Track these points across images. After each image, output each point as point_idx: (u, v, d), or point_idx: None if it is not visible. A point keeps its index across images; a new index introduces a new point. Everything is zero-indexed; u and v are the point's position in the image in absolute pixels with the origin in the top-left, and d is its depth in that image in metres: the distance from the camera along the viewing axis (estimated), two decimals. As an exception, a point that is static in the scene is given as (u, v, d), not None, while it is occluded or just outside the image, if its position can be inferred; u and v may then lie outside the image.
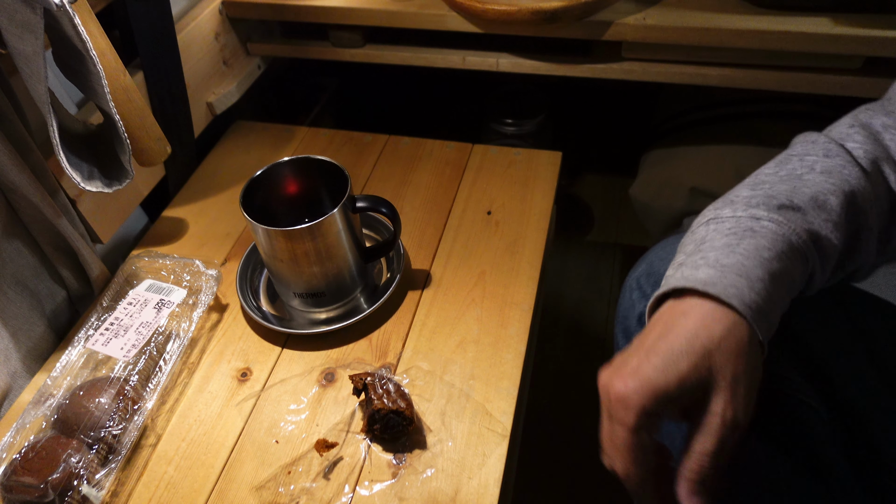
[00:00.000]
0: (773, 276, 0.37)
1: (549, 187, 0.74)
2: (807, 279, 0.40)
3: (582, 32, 0.73)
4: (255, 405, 0.57)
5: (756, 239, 0.39)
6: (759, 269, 0.37)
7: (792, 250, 0.39)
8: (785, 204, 0.40)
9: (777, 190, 0.41)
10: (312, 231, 0.55)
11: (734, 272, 0.37)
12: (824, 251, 0.40)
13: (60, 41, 0.50)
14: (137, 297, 0.61)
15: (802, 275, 0.39)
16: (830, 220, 0.40)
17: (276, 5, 0.81)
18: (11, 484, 0.48)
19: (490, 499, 0.49)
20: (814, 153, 0.43)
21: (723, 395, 0.35)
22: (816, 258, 0.39)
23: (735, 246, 0.39)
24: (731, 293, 0.36)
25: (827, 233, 0.39)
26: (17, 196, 0.56)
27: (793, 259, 0.38)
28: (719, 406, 0.35)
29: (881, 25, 0.65)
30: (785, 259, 0.38)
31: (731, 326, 0.36)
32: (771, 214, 0.40)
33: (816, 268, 0.40)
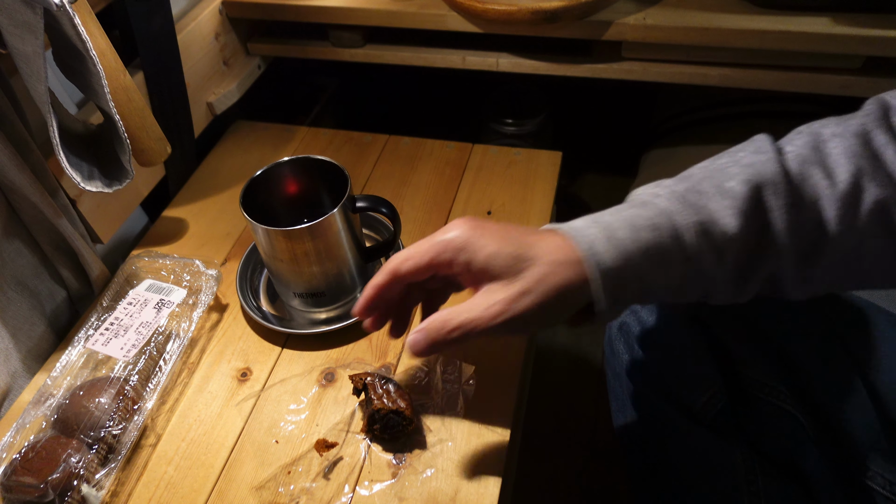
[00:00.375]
0: (637, 243, 0.39)
1: (549, 187, 0.74)
2: (689, 261, 0.40)
3: (582, 32, 0.73)
4: (255, 405, 0.57)
5: (639, 209, 0.41)
6: (623, 231, 0.40)
7: (671, 227, 0.40)
8: (690, 188, 0.41)
9: (695, 178, 0.42)
10: (312, 231, 0.55)
11: (600, 226, 0.41)
12: (716, 236, 0.39)
13: (60, 41, 0.50)
14: (137, 297, 0.61)
15: (679, 254, 0.40)
16: (733, 206, 0.39)
17: (276, 5, 0.81)
18: (11, 484, 0.48)
19: (490, 499, 0.49)
20: (746, 150, 0.43)
21: (506, 293, 0.40)
22: (704, 242, 0.40)
23: (620, 211, 0.42)
24: (582, 237, 0.40)
25: (725, 218, 0.39)
26: (17, 196, 0.56)
27: (668, 235, 0.40)
28: (498, 296, 0.40)
29: (881, 25, 0.65)
30: (658, 231, 0.40)
31: (569, 262, 0.40)
32: (668, 194, 0.41)
33: (705, 253, 0.40)
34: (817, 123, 0.42)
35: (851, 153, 0.39)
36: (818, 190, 0.40)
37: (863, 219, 0.39)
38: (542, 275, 0.40)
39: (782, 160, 0.41)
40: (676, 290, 0.42)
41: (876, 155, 0.39)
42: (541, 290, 0.40)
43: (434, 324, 0.41)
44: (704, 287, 0.42)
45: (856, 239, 0.40)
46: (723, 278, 0.41)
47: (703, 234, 0.40)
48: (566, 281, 0.40)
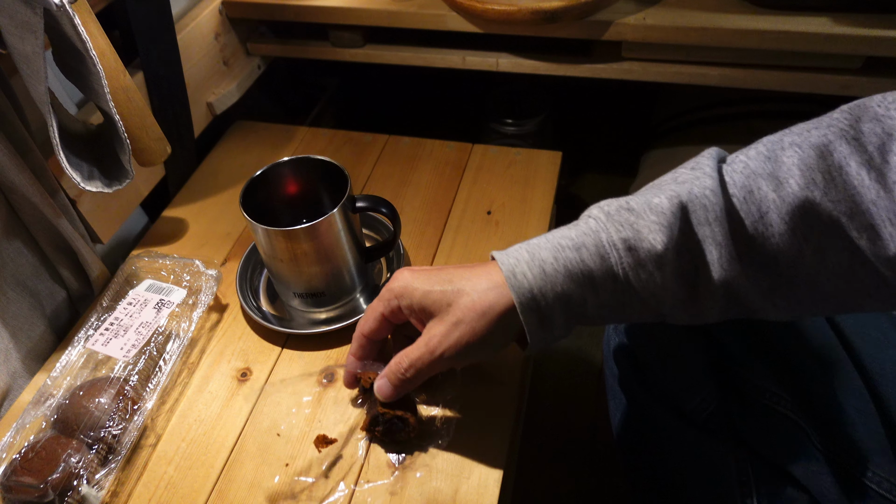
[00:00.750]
0: (558, 262, 0.41)
1: (549, 187, 0.74)
2: (616, 279, 0.41)
3: (582, 32, 0.73)
4: (255, 405, 0.57)
5: (568, 229, 0.43)
6: (546, 252, 0.42)
7: (595, 244, 0.41)
8: (623, 206, 0.42)
9: (634, 195, 0.43)
10: (312, 231, 0.55)
11: (527, 247, 0.43)
12: (642, 252, 0.40)
13: (60, 41, 0.50)
14: (137, 297, 0.61)
15: (604, 272, 0.41)
16: (657, 222, 0.40)
17: (276, 5, 0.81)
18: (11, 484, 0.48)
19: (490, 499, 0.49)
20: (685, 166, 0.43)
21: (442, 327, 0.43)
22: (630, 259, 0.40)
23: (552, 233, 0.43)
24: (507, 260, 0.42)
25: (651, 234, 0.40)
26: (17, 196, 0.56)
27: (592, 253, 0.41)
28: (435, 331, 0.43)
29: (881, 25, 0.65)
30: (580, 251, 0.41)
31: (494, 287, 0.42)
32: (599, 213, 0.42)
33: (634, 270, 0.40)
34: (780, 133, 0.41)
35: (806, 165, 0.38)
36: (766, 203, 0.38)
37: (817, 234, 0.37)
38: (471, 303, 0.42)
39: (721, 175, 0.40)
40: (617, 309, 0.42)
41: (831, 169, 0.37)
42: (470, 318, 0.42)
43: (390, 367, 0.46)
44: (650, 307, 0.42)
45: (814, 255, 0.38)
46: (669, 298, 0.41)
47: (628, 250, 0.40)
48: (491, 304, 0.42)
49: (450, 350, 0.43)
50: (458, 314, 0.43)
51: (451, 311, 0.43)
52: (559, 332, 0.43)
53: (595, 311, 0.42)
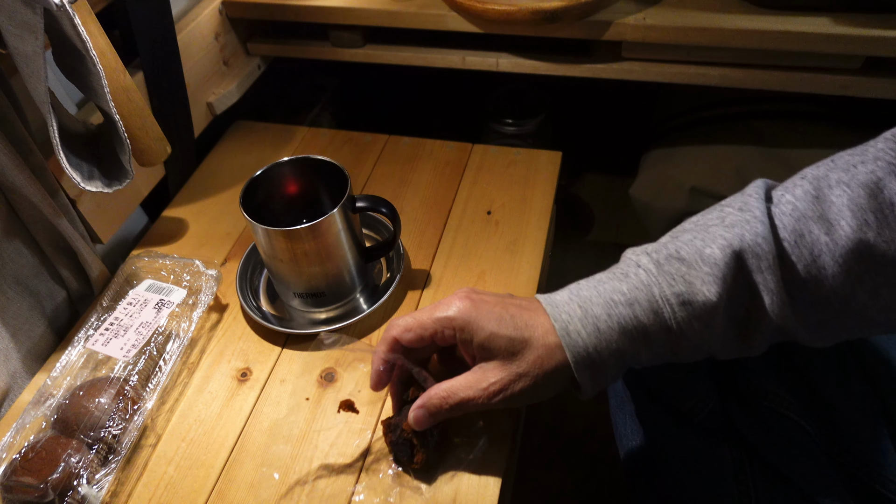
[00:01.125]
0: (612, 320, 0.41)
1: (549, 187, 0.74)
2: (670, 332, 0.41)
3: (582, 32, 0.73)
4: (255, 405, 0.57)
5: (618, 282, 0.42)
6: (599, 308, 0.41)
7: (648, 300, 0.41)
8: (673, 255, 0.42)
9: (682, 240, 0.42)
10: (312, 231, 0.55)
11: (578, 302, 0.43)
12: (697, 306, 0.40)
13: (60, 41, 0.50)
14: (137, 297, 0.61)
15: (659, 327, 0.41)
16: (711, 273, 0.39)
17: (276, 5, 0.81)
18: (11, 484, 0.48)
19: (490, 500, 0.49)
20: (733, 205, 0.42)
21: (504, 375, 0.43)
22: (685, 313, 0.40)
23: (601, 283, 0.43)
24: (559, 316, 0.42)
25: (705, 286, 0.39)
26: (17, 196, 0.56)
27: (646, 309, 0.41)
28: (495, 376, 0.43)
29: (881, 25, 0.65)
30: (634, 307, 0.41)
31: (558, 346, 0.42)
32: (649, 264, 0.42)
33: (688, 323, 0.40)
34: (823, 166, 0.41)
35: (856, 206, 0.37)
36: (818, 247, 0.38)
37: (871, 274, 0.37)
38: (537, 357, 0.42)
39: (771, 217, 0.40)
40: (669, 357, 0.43)
41: (883, 207, 0.36)
42: (535, 374, 0.42)
43: (434, 400, 0.45)
44: (703, 351, 0.42)
45: (867, 294, 0.38)
46: (720, 342, 0.41)
47: (682, 305, 0.40)
48: (557, 364, 0.42)
49: (505, 398, 0.43)
50: (525, 367, 0.42)
51: (515, 363, 0.43)
52: (612, 380, 0.44)
53: (646, 361, 0.43)
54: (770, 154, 0.86)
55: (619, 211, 1.34)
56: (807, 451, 0.48)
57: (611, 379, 0.43)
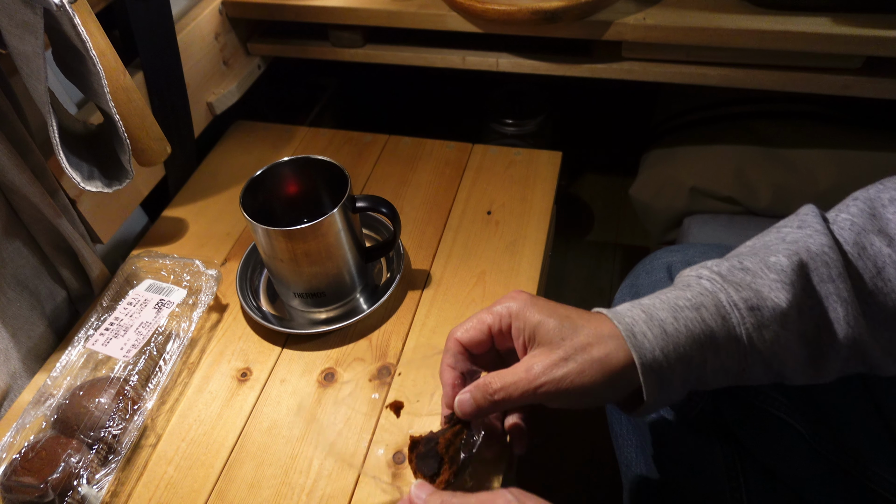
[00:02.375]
0: (678, 322, 0.39)
1: (549, 187, 0.74)
2: (739, 341, 0.39)
3: (582, 32, 0.73)
4: (255, 405, 0.57)
5: (681, 291, 0.41)
6: (664, 312, 0.40)
7: (715, 305, 0.39)
8: (736, 266, 0.40)
9: (742, 254, 0.42)
10: (312, 231, 0.55)
11: (640, 307, 0.41)
12: (766, 312, 0.38)
13: (60, 41, 0.50)
14: (137, 297, 0.61)
15: (726, 333, 0.39)
16: (779, 280, 0.38)
17: (276, 5, 0.81)
18: (11, 484, 0.48)
19: (490, 499, 0.49)
20: (790, 225, 0.42)
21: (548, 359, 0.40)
22: (753, 319, 0.38)
23: (662, 293, 0.42)
24: (622, 318, 0.40)
25: (773, 292, 0.38)
26: (17, 196, 0.56)
27: (713, 313, 0.39)
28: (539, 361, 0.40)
29: (881, 25, 0.65)
30: (700, 311, 0.39)
31: (613, 336, 0.40)
32: (712, 274, 0.41)
33: (757, 330, 0.39)
34: (873, 189, 0.41)
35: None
36: (881, 258, 0.39)
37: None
38: (584, 344, 0.40)
39: (831, 231, 0.39)
40: (737, 374, 0.40)
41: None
42: (581, 359, 0.39)
43: (479, 385, 0.42)
44: (772, 370, 0.40)
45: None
46: (791, 360, 0.39)
47: (750, 310, 0.38)
48: (608, 354, 0.39)
49: (550, 385, 0.39)
50: (570, 351, 0.40)
51: (562, 346, 0.40)
52: (675, 395, 0.40)
53: (713, 376, 0.40)
54: (770, 154, 0.86)
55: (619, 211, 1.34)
56: (798, 450, 0.49)
57: (673, 393, 0.40)
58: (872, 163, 0.83)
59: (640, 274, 0.62)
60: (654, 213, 0.95)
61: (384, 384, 0.57)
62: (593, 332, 0.40)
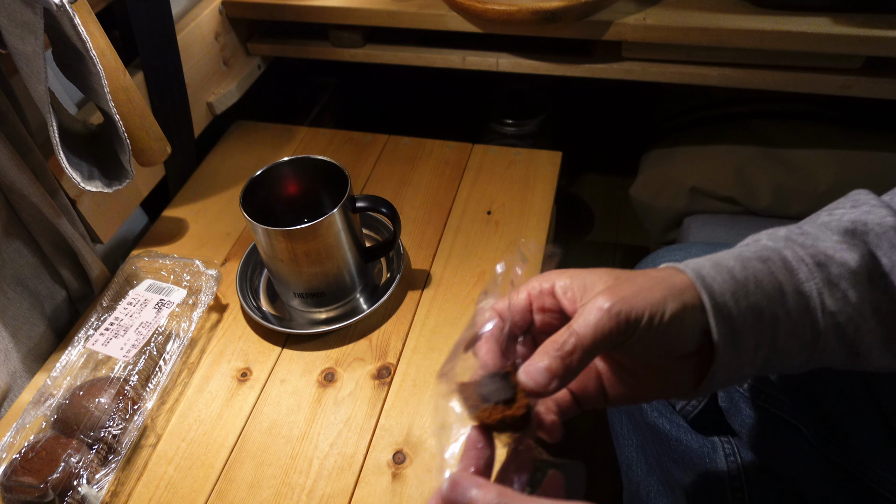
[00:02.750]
0: (747, 271, 0.35)
1: (549, 187, 0.74)
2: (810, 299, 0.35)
3: (582, 32, 0.73)
4: (255, 405, 0.57)
5: (742, 248, 0.38)
6: (731, 261, 0.36)
7: (781, 260, 0.36)
8: (795, 231, 0.38)
9: (794, 226, 0.39)
10: (312, 231, 0.55)
11: (704, 258, 0.37)
12: (833, 269, 0.35)
13: (60, 41, 0.50)
14: (137, 297, 0.61)
15: (793, 288, 0.36)
16: (843, 241, 0.36)
17: (276, 5, 0.81)
18: (11, 484, 0.48)
19: (490, 499, 0.49)
20: (842, 206, 0.40)
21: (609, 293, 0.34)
22: (821, 275, 0.35)
23: (724, 250, 0.38)
24: (687, 266, 0.36)
25: (839, 252, 0.36)
26: (17, 196, 0.56)
27: (780, 267, 0.36)
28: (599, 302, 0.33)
29: (881, 25, 0.65)
30: (768, 263, 0.36)
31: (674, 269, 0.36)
32: (770, 240, 0.38)
33: (821, 286, 0.35)
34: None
35: None
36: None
37: None
38: (642, 271, 0.36)
39: (888, 205, 0.38)
40: (809, 342, 0.36)
41: None
42: (643, 282, 0.34)
43: (547, 348, 0.34)
44: (846, 339, 0.36)
45: None
46: (866, 331, 0.36)
47: (818, 266, 0.36)
48: (670, 279, 0.35)
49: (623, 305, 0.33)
50: (626, 274, 0.35)
51: (618, 280, 0.35)
52: (746, 359, 0.35)
53: (785, 342, 0.36)
54: (770, 154, 0.86)
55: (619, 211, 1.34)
56: (800, 451, 0.49)
57: (745, 353, 0.35)
58: (872, 163, 0.83)
59: None
60: (654, 213, 0.95)
61: (384, 384, 0.57)
62: (655, 271, 0.36)
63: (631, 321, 0.33)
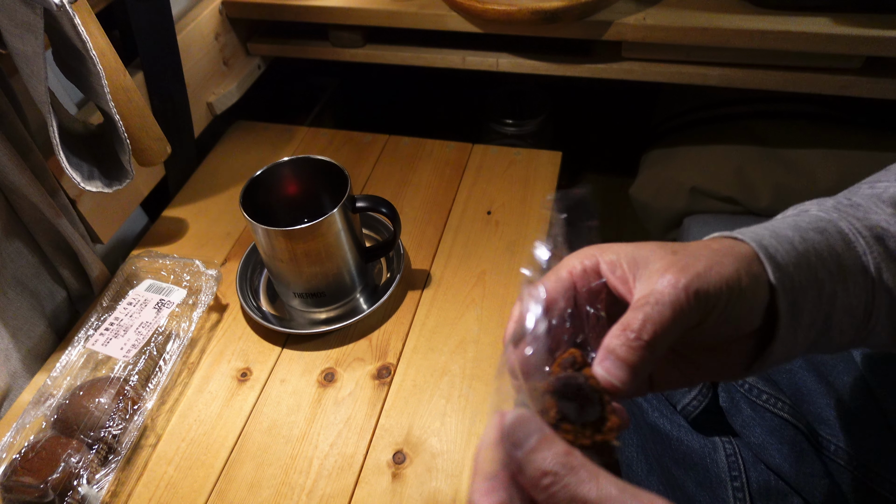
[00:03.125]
0: (806, 243, 0.33)
1: (549, 187, 0.74)
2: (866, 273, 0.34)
3: (582, 32, 0.73)
4: (255, 405, 0.57)
5: (795, 217, 0.36)
6: (789, 231, 0.34)
7: (839, 232, 0.34)
8: (843, 202, 0.36)
9: (840, 195, 0.38)
10: (312, 231, 0.55)
11: (759, 227, 0.35)
12: (887, 241, 0.34)
13: (60, 41, 0.50)
14: (137, 297, 0.61)
15: (852, 261, 0.33)
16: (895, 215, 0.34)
17: (276, 5, 0.81)
18: (11, 484, 0.48)
19: (490, 499, 0.49)
20: (885, 179, 0.38)
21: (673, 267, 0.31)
22: (877, 248, 0.34)
23: (776, 220, 0.36)
24: (746, 235, 0.33)
25: (890, 226, 0.34)
26: (17, 196, 0.56)
27: (837, 239, 0.34)
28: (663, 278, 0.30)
29: (881, 25, 0.65)
30: (826, 234, 0.34)
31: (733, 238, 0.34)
32: (820, 210, 0.36)
33: (880, 259, 0.34)
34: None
35: None
36: None
37: None
38: (698, 243, 0.33)
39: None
40: (863, 320, 0.34)
41: None
42: (706, 255, 0.31)
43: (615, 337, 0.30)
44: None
45: None
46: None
47: (876, 240, 0.34)
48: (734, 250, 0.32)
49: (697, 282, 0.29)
50: (686, 249, 0.32)
51: (676, 254, 0.31)
52: (801, 337, 0.33)
53: (839, 318, 0.33)
54: (770, 154, 0.86)
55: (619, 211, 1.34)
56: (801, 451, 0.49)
57: (801, 330, 0.33)
58: (872, 163, 0.83)
59: None
60: (654, 213, 0.95)
61: (384, 384, 0.57)
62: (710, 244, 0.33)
63: (711, 299, 0.30)
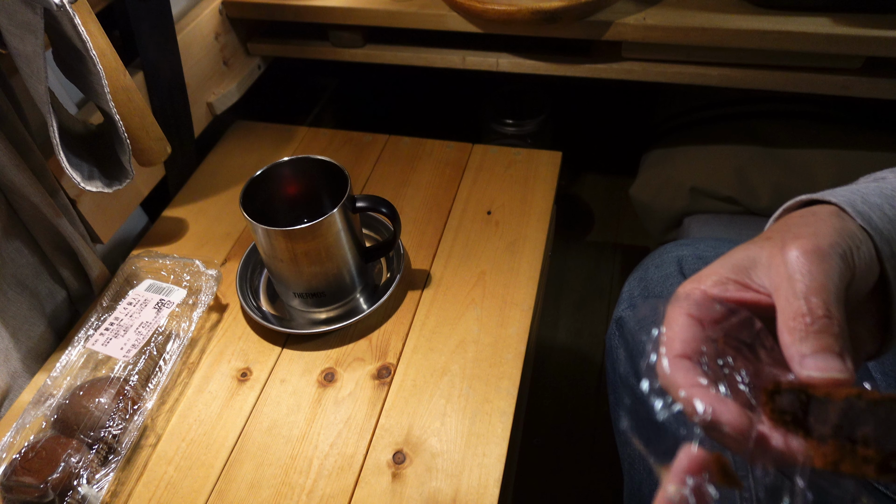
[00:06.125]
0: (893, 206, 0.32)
1: (549, 187, 0.74)
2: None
3: (582, 32, 0.73)
4: (255, 405, 0.57)
5: (879, 183, 0.35)
6: (877, 198, 0.33)
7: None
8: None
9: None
10: (312, 231, 0.55)
11: (847, 190, 0.34)
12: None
13: (60, 41, 0.50)
14: (137, 297, 0.61)
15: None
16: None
17: (276, 5, 0.81)
18: (11, 484, 0.48)
19: (490, 499, 0.49)
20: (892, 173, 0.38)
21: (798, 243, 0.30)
22: None
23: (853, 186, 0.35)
24: (836, 197, 0.33)
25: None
26: (17, 196, 0.56)
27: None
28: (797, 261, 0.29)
29: (881, 25, 0.65)
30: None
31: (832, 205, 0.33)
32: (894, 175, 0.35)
33: None
34: None
35: None
36: None
37: None
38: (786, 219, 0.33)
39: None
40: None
41: None
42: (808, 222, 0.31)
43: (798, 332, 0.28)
44: None
45: None
46: None
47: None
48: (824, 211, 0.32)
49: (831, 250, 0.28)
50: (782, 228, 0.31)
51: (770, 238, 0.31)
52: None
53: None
54: (770, 154, 0.86)
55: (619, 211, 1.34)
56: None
57: None
58: (872, 163, 0.83)
59: (648, 267, 0.61)
60: (654, 213, 0.95)
61: (384, 384, 0.57)
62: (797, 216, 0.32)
63: (837, 247, 0.29)
